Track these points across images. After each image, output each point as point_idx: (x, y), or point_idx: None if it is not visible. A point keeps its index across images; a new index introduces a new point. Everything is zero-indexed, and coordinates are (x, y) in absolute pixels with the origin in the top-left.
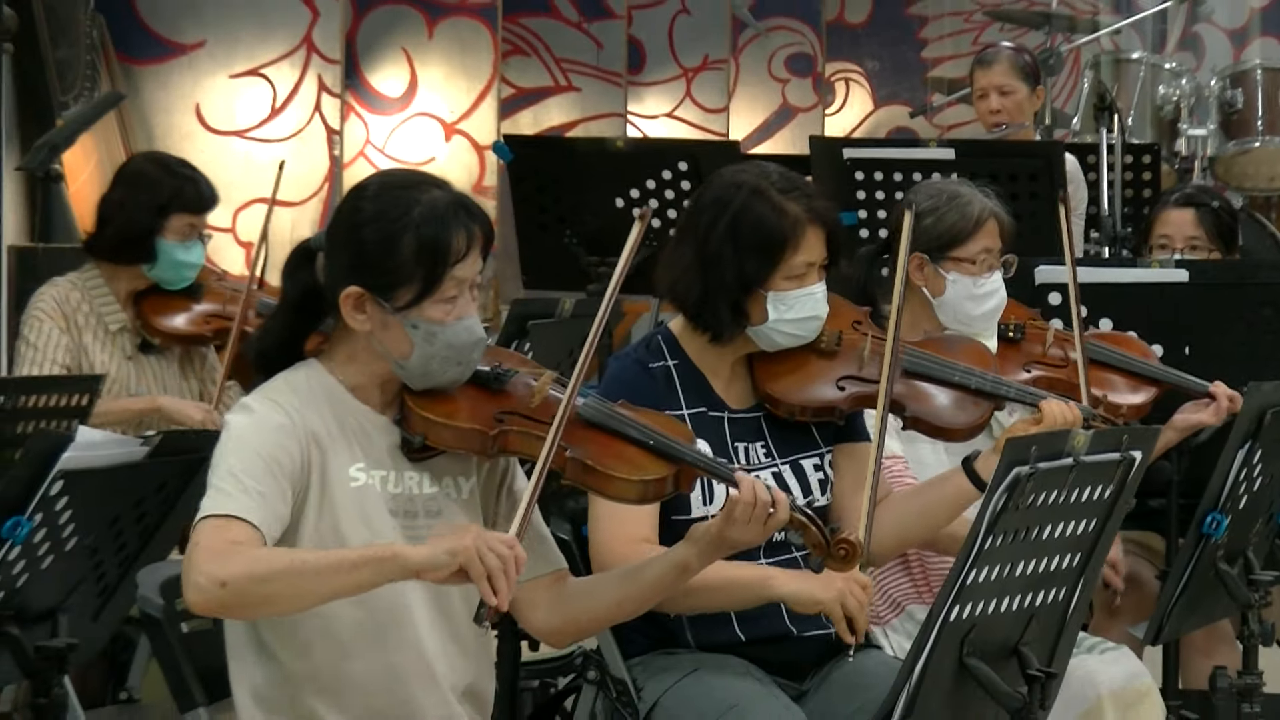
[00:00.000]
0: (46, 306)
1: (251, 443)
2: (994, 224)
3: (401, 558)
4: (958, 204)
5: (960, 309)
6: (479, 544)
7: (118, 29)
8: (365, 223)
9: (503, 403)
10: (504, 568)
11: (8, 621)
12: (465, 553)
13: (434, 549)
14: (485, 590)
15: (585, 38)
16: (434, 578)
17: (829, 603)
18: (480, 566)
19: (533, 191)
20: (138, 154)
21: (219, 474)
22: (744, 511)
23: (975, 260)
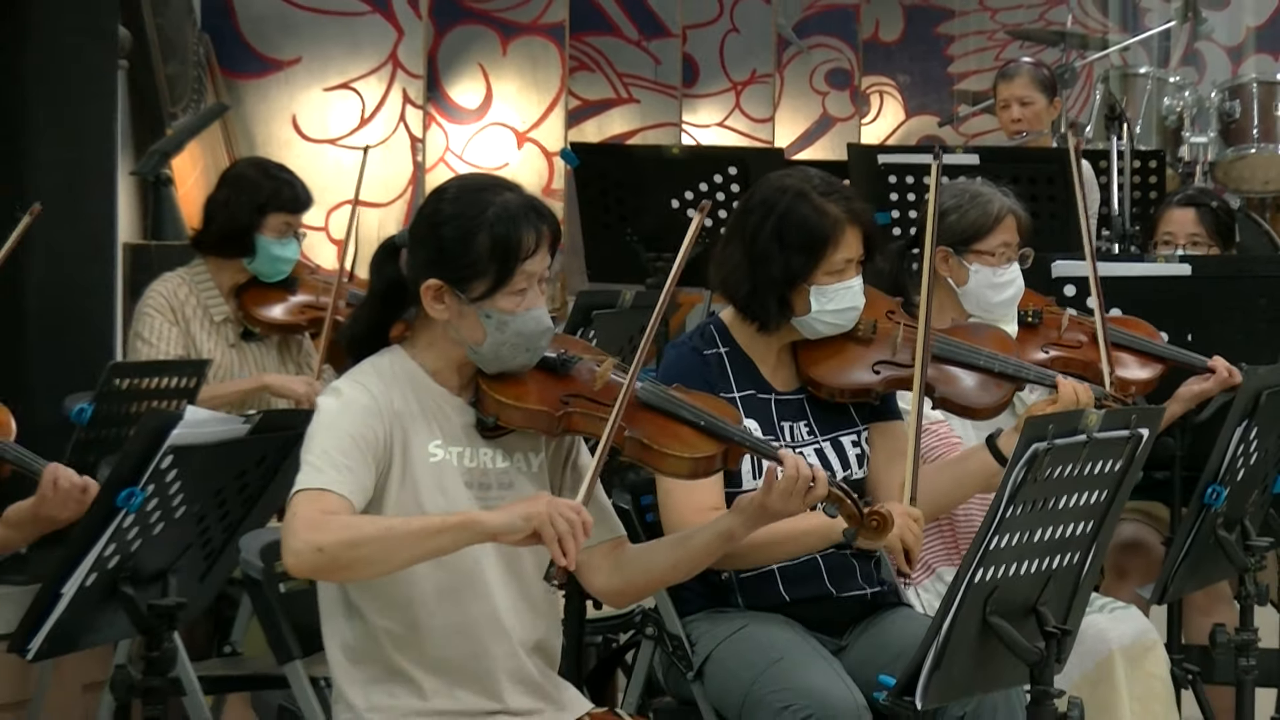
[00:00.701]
0: (156, 303)
1: (340, 423)
2: (1012, 220)
3: (480, 523)
4: (979, 202)
5: (982, 297)
6: (550, 510)
7: (222, 47)
8: (444, 222)
9: (568, 386)
10: (572, 531)
11: (123, 582)
12: (538, 518)
13: (509, 514)
14: (555, 551)
15: (644, 54)
16: (509, 541)
17: (891, 538)
18: (551, 530)
19: (597, 194)
20: (240, 159)
21: (312, 452)
22: (785, 484)
23: (995, 253)
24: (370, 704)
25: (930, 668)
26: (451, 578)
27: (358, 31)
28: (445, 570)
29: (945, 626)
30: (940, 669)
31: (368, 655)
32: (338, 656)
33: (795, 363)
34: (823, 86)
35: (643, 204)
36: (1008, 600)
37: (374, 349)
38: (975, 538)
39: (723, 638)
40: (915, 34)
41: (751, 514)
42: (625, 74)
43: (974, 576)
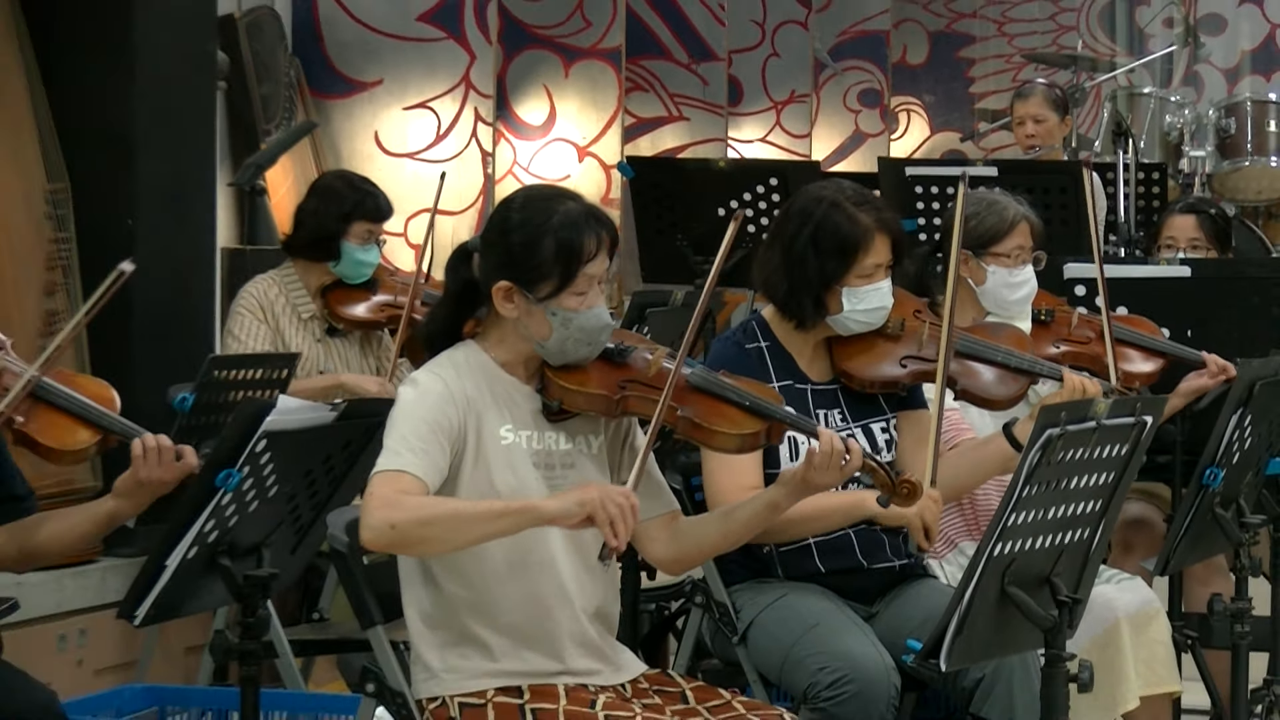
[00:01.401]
0: (248, 303)
1: (417, 410)
2: (1025, 226)
3: (538, 510)
4: (996, 209)
5: (999, 296)
6: (602, 496)
7: (311, 70)
8: (513, 229)
9: (625, 373)
10: (622, 515)
11: (222, 555)
12: (590, 504)
13: (564, 501)
14: (607, 534)
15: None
16: (565, 525)
17: (912, 515)
18: (603, 514)
19: (650, 203)
20: (327, 171)
21: (392, 437)
22: (823, 459)
23: (1010, 255)
24: (445, 665)
25: (953, 633)
26: (520, 551)
27: (434, 56)
28: (514, 544)
29: (967, 595)
30: (962, 634)
31: (443, 621)
32: (416, 622)
33: (829, 356)
34: (855, 105)
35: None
36: (1024, 572)
37: (450, 343)
38: (994, 515)
39: (764, 606)
40: (939, 58)
41: (794, 486)
42: (676, 94)
43: (993, 550)
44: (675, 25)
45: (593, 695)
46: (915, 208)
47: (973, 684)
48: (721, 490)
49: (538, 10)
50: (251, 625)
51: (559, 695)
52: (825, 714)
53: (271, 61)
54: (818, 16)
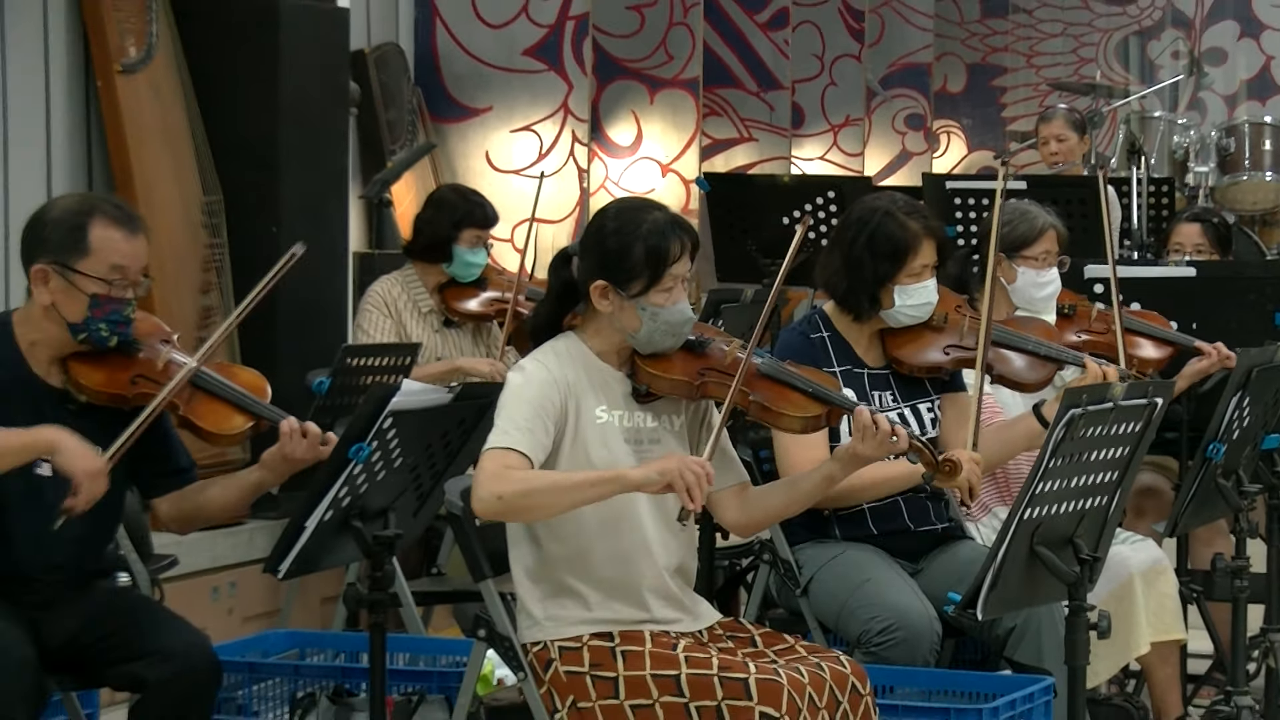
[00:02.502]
0: (374, 300)
1: (524, 394)
2: (1052, 233)
3: (624, 478)
4: (1027, 218)
5: (1027, 293)
6: (680, 465)
7: (431, 97)
8: (608, 235)
9: (704, 361)
10: (698, 481)
11: (353, 518)
12: (670, 473)
13: (648, 470)
14: (684, 498)
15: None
16: (649, 490)
17: (960, 481)
18: (680, 481)
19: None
20: (441, 185)
21: (501, 417)
22: (868, 435)
23: (1039, 258)
24: (547, 614)
25: (988, 587)
26: (612, 515)
27: (536, 86)
28: (607, 509)
29: (1000, 554)
30: (996, 587)
31: (544, 575)
32: (520, 576)
33: (883, 344)
34: (902, 128)
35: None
36: (1050, 533)
37: (552, 335)
38: (1024, 483)
39: (823, 562)
40: (975, 86)
41: (847, 460)
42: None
43: (1023, 514)
44: (746, 59)
45: (674, 640)
46: (955, 217)
47: (1005, 631)
48: (794, 463)
49: (627, 46)
50: (379, 578)
51: (645, 640)
52: (876, 657)
53: (397, 90)
54: (870, 50)
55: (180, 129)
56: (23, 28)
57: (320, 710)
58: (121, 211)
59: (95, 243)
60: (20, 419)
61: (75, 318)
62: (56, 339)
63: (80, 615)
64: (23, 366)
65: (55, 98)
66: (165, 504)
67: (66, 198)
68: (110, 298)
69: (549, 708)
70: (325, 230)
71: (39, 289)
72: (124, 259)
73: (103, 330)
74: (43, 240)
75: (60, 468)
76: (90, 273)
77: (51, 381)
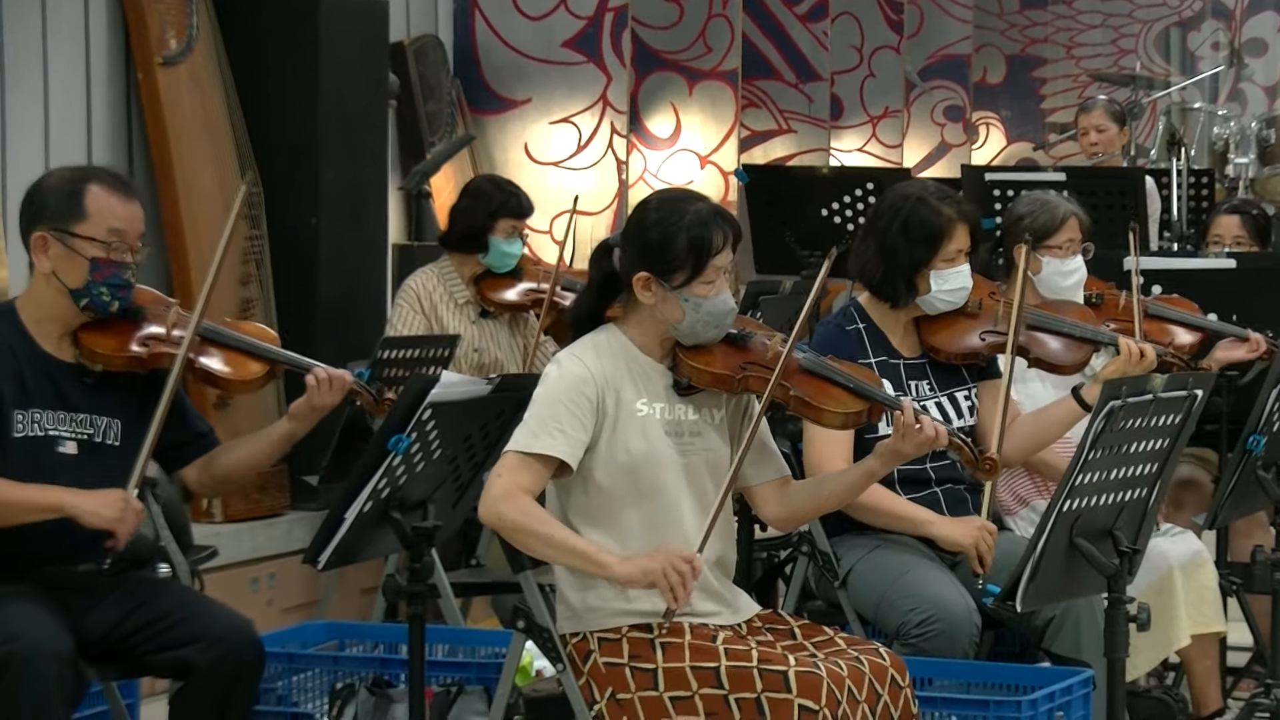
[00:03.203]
0: (407, 296)
1: (557, 391)
2: (1074, 221)
3: (610, 569)
4: (1048, 207)
5: (1053, 283)
6: (665, 564)
7: (470, 89)
8: (651, 226)
9: (745, 355)
10: (682, 581)
11: (393, 509)
12: (654, 573)
13: (631, 569)
14: (668, 598)
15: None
16: (630, 587)
17: (968, 547)
18: (664, 582)
19: (763, 204)
20: (478, 175)
21: (531, 414)
22: (910, 432)
23: (1062, 247)
24: (586, 605)
25: (1027, 578)
26: (654, 508)
27: (575, 78)
28: (648, 502)
29: (1039, 546)
30: (1035, 579)
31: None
32: (560, 568)
33: (918, 334)
34: (941, 119)
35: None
36: (1089, 525)
37: (593, 327)
38: (1064, 475)
39: (862, 554)
40: (1015, 78)
41: (888, 455)
42: (785, 110)
43: (1063, 506)
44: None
45: (713, 632)
46: (994, 208)
47: (1044, 623)
48: (818, 457)
49: (666, 37)
50: (418, 570)
51: (684, 632)
52: (915, 649)
53: (436, 82)
54: (908, 42)
55: (220, 121)
56: (64, 21)
57: (359, 701)
58: (116, 178)
59: (92, 207)
60: (40, 398)
61: (76, 283)
62: (61, 310)
63: (120, 605)
64: (34, 347)
65: (96, 90)
66: (193, 472)
67: (61, 168)
68: (110, 260)
69: (588, 699)
70: (364, 222)
71: (39, 257)
72: (121, 222)
73: (104, 294)
74: (41, 207)
75: (89, 526)
76: (88, 235)
77: (64, 358)
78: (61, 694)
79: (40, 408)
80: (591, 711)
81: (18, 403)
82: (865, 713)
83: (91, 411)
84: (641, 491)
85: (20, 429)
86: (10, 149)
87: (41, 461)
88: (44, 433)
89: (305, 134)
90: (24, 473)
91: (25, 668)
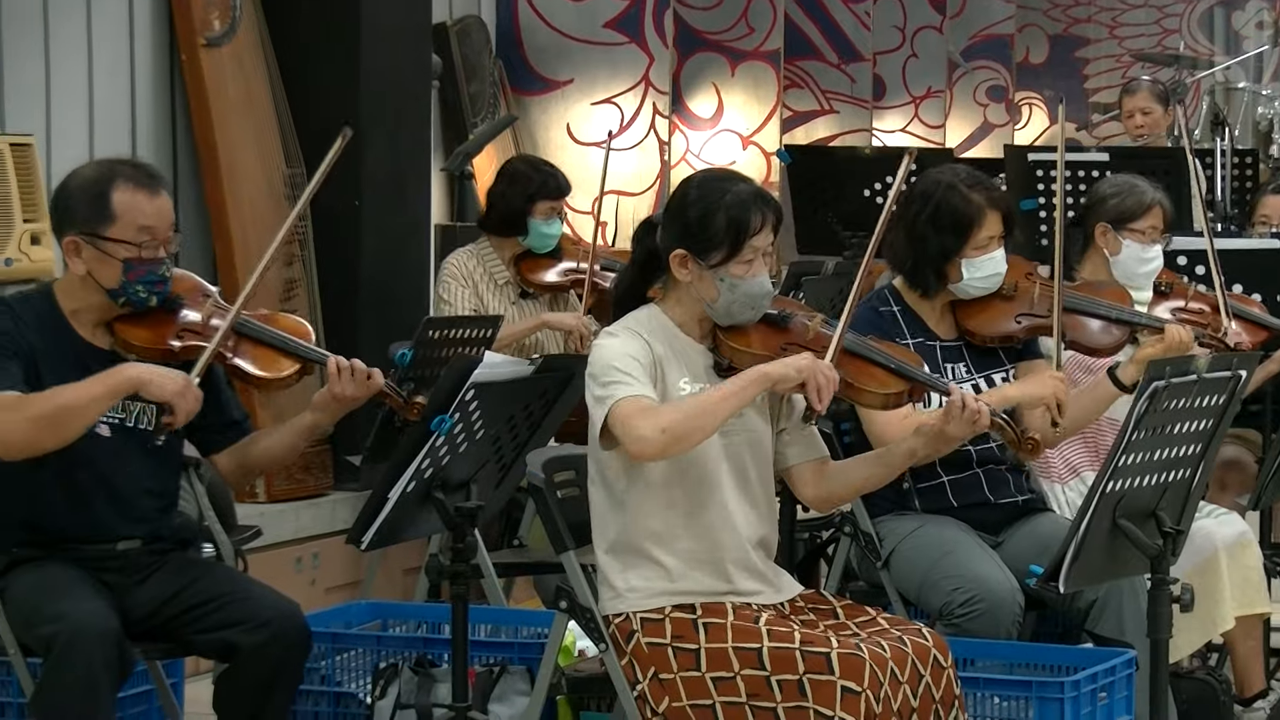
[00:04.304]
0: (451, 271)
1: (624, 351)
2: (1159, 210)
3: (765, 373)
4: (1136, 191)
5: (1130, 266)
6: (814, 365)
7: (512, 70)
8: (691, 204)
9: (786, 336)
10: (828, 385)
11: (436, 489)
12: (805, 370)
13: (786, 367)
14: (814, 398)
15: (843, 75)
16: (784, 387)
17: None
18: (814, 381)
19: (805, 185)
20: (515, 156)
21: (610, 375)
22: (956, 414)
23: (1145, 232)
24: (628, 585)
25: (1070, 559)
26: (697, 487)
27: (618, 58)
28: (692, 481)
29: (1083, 526)
30: (1079, 560)
31: (628, 547)
32: (602, 548)
33: (954, 316)
34: (983, 100)
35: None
36: (1133, 506)
37: (635, 305)
38: (1107, 456)
39: (904, 535)
40: (1058, 58)
41: (931, 437)
42: (828, 90)
43: (1106, 487)
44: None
45: (756, 612)
46: (1036, 189)
47: (1087, 604)
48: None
49: (708, 18)
50: (461, 550)
51: (727, 611)
52: (958, 629)
53: (478, 63)
54: (951, 22)
55: (263, 102)
56: (109, 3)
57: (403, 680)
58: (141, 172)
59: (118, 208)
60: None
61: (111, 284)
62: (98, 305)
63: (166, 585)
64: (69, 332)
65: (140, 72)
66: (224, 458)
67: (86, 167)
68: (143, 259)
69: (630, 679)
70: (407, 203)
71: (73, 260)
72: (149, 219)
73: (140, 291)
74: (68, 212)
75: (151, 397)
76: (118, 237)
77: (99, 344)
78: (107, 672)
79: None
80: (634, 691)
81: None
82: (907, 693)
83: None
84: (685, 472)
85: None
86: (55, 131)
87: (75, 441)
88: None
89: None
90: (62, 452)
91: (72, 647)
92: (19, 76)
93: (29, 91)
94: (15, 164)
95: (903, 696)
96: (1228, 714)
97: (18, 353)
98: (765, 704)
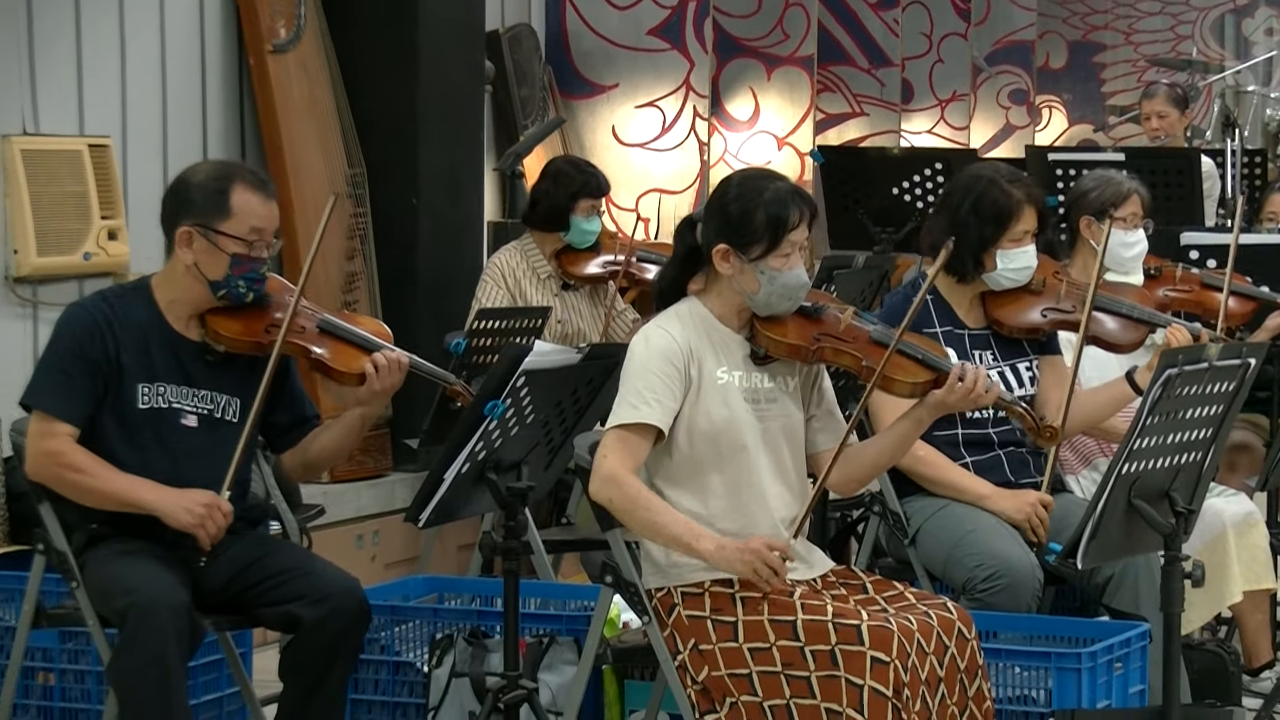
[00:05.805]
0: (493, 273)
1: (649, 364)
2: (1136, 197)
3: (703, 554)
4: (1113, 183)
5: (1115, 253)
6: (756, 559)
7: (561, 75)
8: (731, 201)
9: (819, 327)
10: (771, 575)
11: (489, 470)
12: (744, 572)
13: (729, 560)
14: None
15: (873, 79)
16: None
17: (1021, 522)
18: (756, 577)
19: (837, 183)
20: (558, 156)
21: (627, 388)
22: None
23: (1125, 219)
24: (670, 561)
25: (1088, 537)
26: (735, 471)
27: (660, 64)
28: (730, 465)
29: (1100, 506)
30: (1096, 538)
31: None
32: None
33: (983, 306)
34: (1006, 103)
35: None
36: (1147, 487)
37: (676, 298)
38: (1123, 439)
39: (930, 513)
40: (1076, 62)
41: (933, 406)
42: (858, 94)
43: (1122, 468)
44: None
45: (791, 588)
46: (1056, 187)
47: (1104, 580)
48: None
49: (746, 25)
50: (512, 528)
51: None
52: (981, 603)
53: (529, 68)
54: (975, 29)
55: (326, 105)
56: (180, 12)
57: (457, 650)
58: (258, 177)
59: (236, 206)
60: (161, 369)
61: (216, 275)
62: (196, 296)
63: (236, 561)
64: (163, 323)
65: (211, 76)
66: (289, 456)
67: (207, 164)
68: (249, 257)
69: (671, 650)
70: (462, 201)
71: (183, 249)
72: (262, 221)
73: (240, 286)
74: (188, 203)
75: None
76: (232, 233)
77: (190, 336)
78: (179, 643)
79: (165, 381)
80: (675, 661)
81: (143, 376)
82: (934, 664)
83: (213, 389)
84: (723, 455)
85: (145, 401)
86: (130, 134)
87: (164, 433)
88: (168, 405)
89: (406, 118)
90: (148, 442)
91: (144, 619)
92: (97, 82)
93: (106, 96)
94: (94, 164)
95: (929, 666)
96: (1236, 684)
97: (91, 367)
98: (799, 673)
